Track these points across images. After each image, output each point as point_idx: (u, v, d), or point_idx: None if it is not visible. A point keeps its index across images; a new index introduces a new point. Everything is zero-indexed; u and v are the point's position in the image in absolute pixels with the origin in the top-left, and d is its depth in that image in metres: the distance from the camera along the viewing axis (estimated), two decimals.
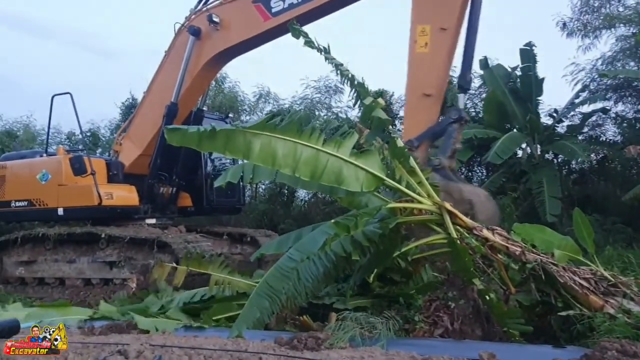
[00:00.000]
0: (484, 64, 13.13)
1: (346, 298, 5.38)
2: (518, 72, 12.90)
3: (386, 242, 5.08)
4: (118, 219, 10.05)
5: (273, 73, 35.68)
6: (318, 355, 3.67)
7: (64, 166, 9.91)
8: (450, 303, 4.79)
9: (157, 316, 5.52)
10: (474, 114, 14.28)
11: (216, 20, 9.66)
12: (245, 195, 13.39)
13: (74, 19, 58.33)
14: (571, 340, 4.54)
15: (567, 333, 4.67)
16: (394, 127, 13.61)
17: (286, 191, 16.11)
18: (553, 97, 16.80)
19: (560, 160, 13.43)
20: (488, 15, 7.61)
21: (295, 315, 5.28)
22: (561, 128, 13.28)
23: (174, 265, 6.79)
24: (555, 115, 13.17)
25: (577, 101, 13.13)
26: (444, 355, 3.69)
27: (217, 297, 6.01)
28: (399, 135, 6.88)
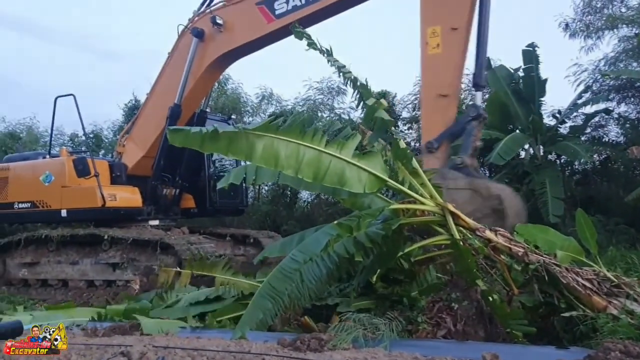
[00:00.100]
0: (487, 65, 13.09)
1: (349, 299, 5.38)
2: (521, 73, 12.86)
3: (389, 243, 5.07)
4: (121, 221, 10.08)
5: (276, 74, 35.68)
6: (321, 356, 3.66)
7: (68, 168, 9.94)
8: (453, 304, 4.80)
9: (162, 316, 5.52)
10: None
11: (219, 22, 9.67)
12: (248, 196, 13.40)
13: (75, 20, 58.54)
14: (574, 341, 4.53)
15: (570, 334, 4.66)
16: (397, 128, 13.64)
17: (289, 192, 16.11)
18: (556, 98, 16.72)
19: (563, 161, 13.38)
20: (490, 16, 7.57)
21: (298, 316, 5.28)
22: (564, 129, 13.22)
23: (178, 269, 6.80)
24: (558, 116, 13.12)
25: (580, 102, 13.08)
26: (447, 356, 3.68)
27: (223, 297, 6.02)
28: (402, 136, 6.87)
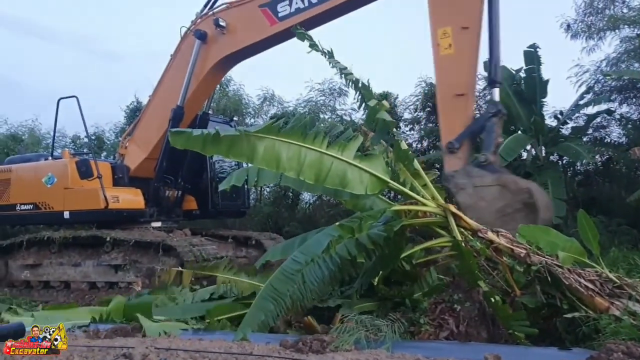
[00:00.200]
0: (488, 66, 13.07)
1: (352, 301, 5.37)
2: (522, 74, 12.83)
3: (391, 245, 5.08)
4: (123, 222, 10.09)
5: (277, 76, 35.64)
6: (323, 358, 3.66)
7: (70, 169, 9.94)
8: (455, 306, 4.79)
9: (164, 316, 5.52)
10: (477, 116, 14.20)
11: (222, 24, 9.67)
12: (250, 198, 13.39)
13: (77, 21, 58.68)
14: (577, 342, 4.53)
15: (573, 335, 4.65)
16: (399, 130, 13.61)
17: (291, 194, 16.10)
18: (557, 99, 16.71)
19: (565, 162, 13.36)
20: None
21: (300, 318, 5.28)
22: (566, 130, 13.18)
23: (180, 269, 6.81)
24: (559, 117, 13.09)
25: (582, 103, 13.05)
26: (450, 357, 3.69)
27: (225, 296, 6.02)
28: (403, 137, 6.86)
